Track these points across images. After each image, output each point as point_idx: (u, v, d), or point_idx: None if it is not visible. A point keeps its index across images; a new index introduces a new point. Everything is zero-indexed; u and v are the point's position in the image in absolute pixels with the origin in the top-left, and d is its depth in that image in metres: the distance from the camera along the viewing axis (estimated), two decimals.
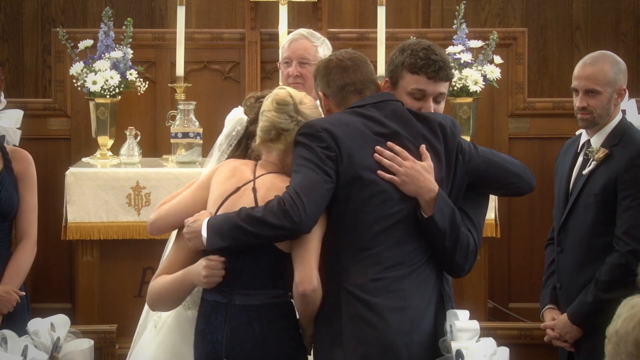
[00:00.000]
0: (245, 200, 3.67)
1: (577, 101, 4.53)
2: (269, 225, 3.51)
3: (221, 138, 4.00)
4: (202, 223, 3.63)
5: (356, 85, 3.77)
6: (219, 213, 3.67)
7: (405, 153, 3.64)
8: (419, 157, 3.67)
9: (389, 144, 3.65)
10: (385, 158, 3.63)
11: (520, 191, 3.92)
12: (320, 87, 3.83)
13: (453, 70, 3.93)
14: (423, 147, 3.68)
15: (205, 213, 3.69)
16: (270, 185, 3.68)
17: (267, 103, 3.75)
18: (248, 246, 3.59)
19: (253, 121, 3.86)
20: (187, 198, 3.83)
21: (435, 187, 3.64)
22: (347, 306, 3.58)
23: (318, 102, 3.89)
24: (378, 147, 3.63)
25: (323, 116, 3.80)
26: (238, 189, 3.70)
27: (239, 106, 4.07)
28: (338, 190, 3.60)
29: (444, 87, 3.82)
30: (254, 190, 3.68)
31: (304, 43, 4.94)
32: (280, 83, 5.09)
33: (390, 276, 3.59)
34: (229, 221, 3.57)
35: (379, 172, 3.62)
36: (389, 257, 3.60)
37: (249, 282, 3.64)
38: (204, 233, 3.61)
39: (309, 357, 3.75)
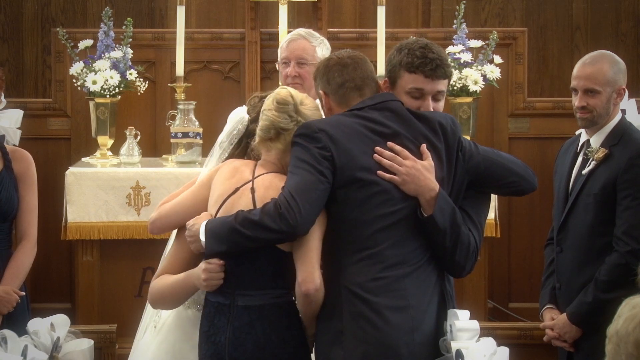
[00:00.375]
0: (244, 200, 3.67)
1: (576, 100, 4.53)
2: (265, 229, 3.51)
3: (222, 136, 4.01)
4: (200, 227, 3.64)
5: (356, 82, 3.77)
6: (218, 214, 3.68)
7: (406, 152, 3.64)
8: (419, 156, 3.67)
9: (389, 143, 3.64)
10: (385, 158, 3.63)
11: (521, 190, 3.89)
12: (320, 86, 3.82)
13: (452, 69, 3.90)
14: (424, 146, 3.68)
15: (204, 215, 3.70)
16: (268, 185, 3.68)
17: (268, 102, 3.75)
18: (246, 249, 3.60)
19: (254, 120, 3.86)
20: (187, 198, 3.83)
21: (435, 186, 3.64)
22: (348, 305, 3.58)
23: (317, 101, 3.89)
24: (378, 148, 3.63)
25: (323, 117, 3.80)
26: (237, 189, 3.70)
27: (243, 105, 4.07)
28: (337, 190, 3.60)
29: (442, 85, 3.81)
30: (252, 190, 3.68)
31: (302, 43, 4.93)
32: (280, 83, 5.08)
33: (391, 275, 3.59)
34: (226, 225, 3.57)
35: (379, 172, 3.61)
36: (390, 256, 3.60)
37: (250, 283, 3.65)
38: (202, 237, 3.62)
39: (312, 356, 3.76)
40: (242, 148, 3.93)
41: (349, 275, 3.59)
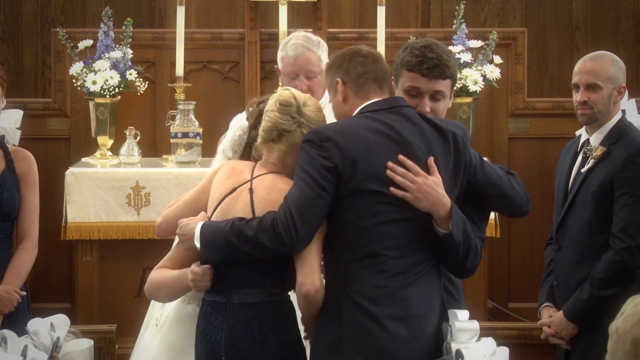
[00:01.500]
0: (241, 201, 3.66)
1: (577, 96, 4.52)
2: (260, 246, 3.51)
3: (225, 144, 4.01)
4: (194, 227, 3.63)
5: (377, 74, 3.72)
6: (215, 214, 3.67)
7: (417, 168, 3.57)
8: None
9: (401, 157, 3.57)
10: (397, 174, 3.56)
11: (507, 214, 4.12)
12: (338, 75, 3.73)
13: (454, 69, 3.85)
14: (431, 159, 3.61)
15: (200, 216, 3.70)
16: (270, 186, 3.67)
17: (271, 103, 3.75)
18: (241, 261, 3.59)
19: (253, 126, 3.85)
20: (189, 201, 3.85)
21: (448, 201, 3.58)
22: (348, 313, 3.55)
23: (323, 99, 3.85)
24: (390, 164, 3.56)
25: (326, 117, 3.76)
26: (234, 189, 3.70)
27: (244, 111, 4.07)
28: (342, 198, 3.55)
29: (440, 85, 3.77)
30: (251, 191, 3.67)
31: (308, 56, 4.89)
32: (280, 84, 5.08)
33: (393, 285, 3.56)
34: (222, 236, 3.56)
35: (392, 189, 3.55)
36: (393, 266, 3.56)
37: (247, 281, 3.64)
38: (197, 243, 3.61)
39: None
40: (247, 156, 3.92)
41: (351, 282, 3.56)
